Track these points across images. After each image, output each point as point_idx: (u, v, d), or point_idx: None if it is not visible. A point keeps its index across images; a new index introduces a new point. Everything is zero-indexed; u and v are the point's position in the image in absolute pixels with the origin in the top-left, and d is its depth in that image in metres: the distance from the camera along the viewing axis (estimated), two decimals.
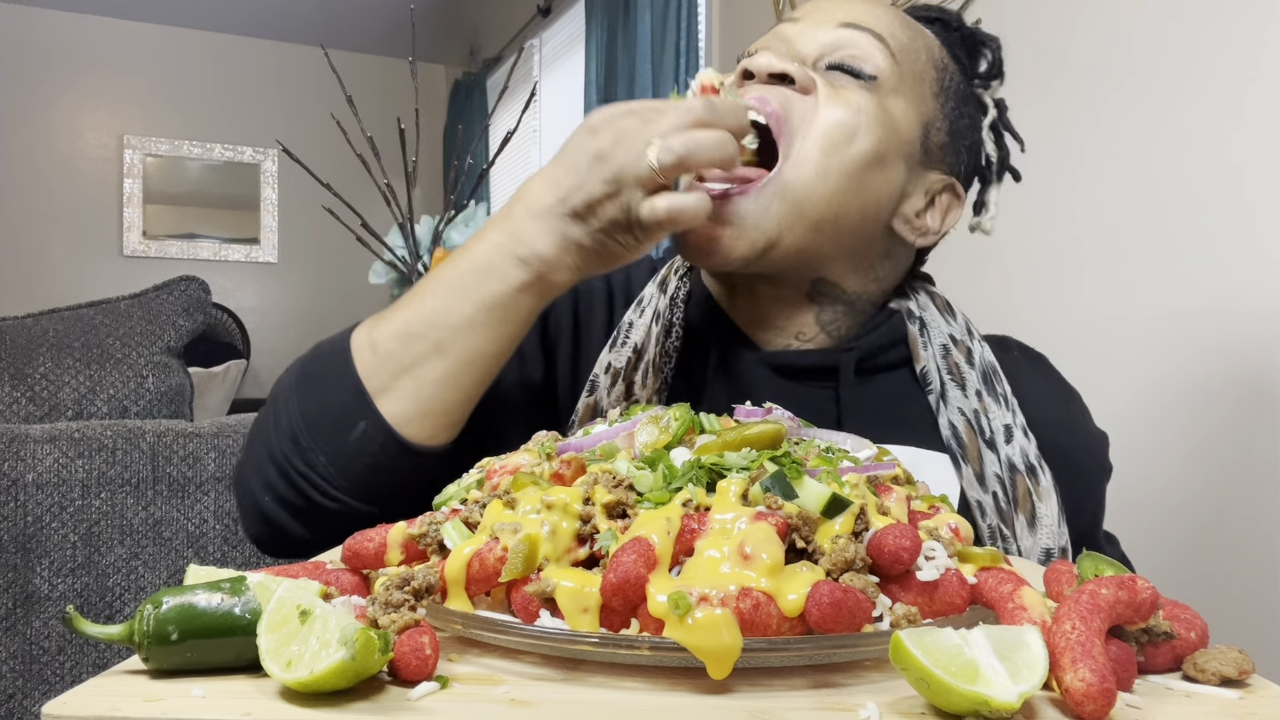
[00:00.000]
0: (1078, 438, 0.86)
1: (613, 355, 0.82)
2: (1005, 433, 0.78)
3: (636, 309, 0.84)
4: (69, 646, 1.29)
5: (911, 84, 0.78)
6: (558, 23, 3.88)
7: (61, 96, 4.93)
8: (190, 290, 1.56)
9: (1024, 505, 0.75)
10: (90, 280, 4.87)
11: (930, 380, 0.80)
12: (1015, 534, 0.75)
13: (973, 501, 0.76)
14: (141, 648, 0.40)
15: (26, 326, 1.44)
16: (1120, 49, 1.40)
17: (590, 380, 0.82)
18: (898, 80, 0.77)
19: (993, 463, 0.77)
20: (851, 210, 0.75)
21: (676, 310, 0.82)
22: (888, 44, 0.77)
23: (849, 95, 0.74)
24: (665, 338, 0.81)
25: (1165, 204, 1.34)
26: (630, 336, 0.82)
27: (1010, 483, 0.76)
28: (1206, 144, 1.28)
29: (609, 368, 0.81)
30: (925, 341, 0.81)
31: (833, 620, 0.40)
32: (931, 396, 0.79)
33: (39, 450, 1.28)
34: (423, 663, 0.39)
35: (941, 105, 0.81)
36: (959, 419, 0.78)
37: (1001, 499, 0.76)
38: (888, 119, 0.75)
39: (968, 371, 0.80)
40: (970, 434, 0.77)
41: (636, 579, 0.41)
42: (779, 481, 0.45)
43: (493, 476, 0.54)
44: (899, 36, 0.79)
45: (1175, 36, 1.32)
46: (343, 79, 2.58)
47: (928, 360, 0.80)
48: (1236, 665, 0.41)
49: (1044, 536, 0.75)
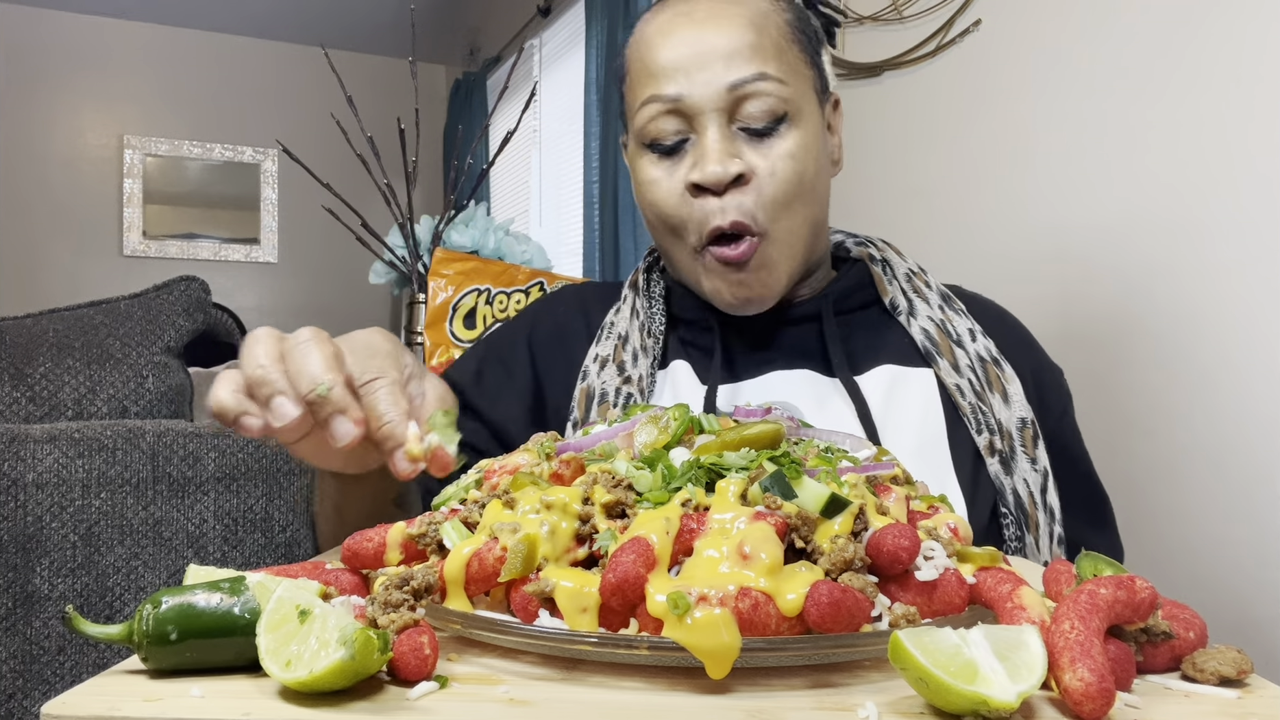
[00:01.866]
0: (1035, 352, 0.96)
1: (599, 348, 0.92)
2: (969, 334, 0.89)
3: (614, 311, 0.95)
4: (69, 646, 1.29)
5: (797, 80, 0.84)
6: (558, 23, 3.88)
7: (61, 96, 4.93)
8: (190, 290, 1.56)
9: (996, 386, 0.86)
10: (90, 280, 4.87)
11: (899, 304, 0.91)
12: (993, 408, 0.85)
13: (951, 386, 0.86)
14: (141, 648, 0.40)
15: (26, 326, 1.44)
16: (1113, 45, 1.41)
17: (582, 371, 0.91)
18: (791, 92, 0.82)
19: (963, 356, 0.88)
20: (821, 209, 0.88)
21: (657, 303, 0.94)
22: (772, 75, 0.81)
23: (778, 153, 0.82)
24: (649, 324, 0.92)
25: None
26: (613, 330, 0.93)
27: (982, 370, 0.87)
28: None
29: (597, 357, 0.91)
30: (890, 277, 0.93)
31: (832, 620, 0.40)
32: (901, 317, 0.90)
33: (39, 450, 1.28)
34: (422, 662, 0.39)
35: (807, 59, 0.86)
36: (929, 324, 0.89)
37: (976, 383, 0.86)
38: (807, 135, 0.83)
39: (928, 293, 0.92)
40: (940, 335, 0.89)
41: (635, 579, 0.41)
42: (778, 481, 0.45)
43: (491, 477, 0.54)
44: (765, 45, 0.82)
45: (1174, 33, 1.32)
46: (343, 79, 2.58)
47: (894, 291, 0.92)
48: (1235, 665, 0.41)
49: (1017, 409, 0.86)
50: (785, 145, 0.82)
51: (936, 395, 0.87)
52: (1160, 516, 1.28)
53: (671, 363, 0.91)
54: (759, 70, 0.80)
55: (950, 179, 1.68)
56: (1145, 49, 1.36)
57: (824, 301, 0.90)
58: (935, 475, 0.83)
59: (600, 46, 3.14)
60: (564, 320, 0.98)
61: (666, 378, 0.90)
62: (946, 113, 1.69)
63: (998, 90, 1.59)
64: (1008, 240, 1.58)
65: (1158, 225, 1.35)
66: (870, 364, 0.88)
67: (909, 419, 0.85)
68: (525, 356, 0.95)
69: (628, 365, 0.89)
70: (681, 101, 0.81)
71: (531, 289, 2.39)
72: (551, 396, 0.93)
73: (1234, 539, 1.22)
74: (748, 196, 0.81)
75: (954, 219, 1.68)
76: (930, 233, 1.70)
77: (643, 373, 0.88)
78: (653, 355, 0.90)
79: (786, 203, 0.82)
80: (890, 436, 0.83)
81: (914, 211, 1.74)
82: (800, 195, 0.83)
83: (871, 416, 0.83)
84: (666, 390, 0.89)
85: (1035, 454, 0.84)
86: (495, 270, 2.36)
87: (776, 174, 0.81)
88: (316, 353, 0.56)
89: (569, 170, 3.77)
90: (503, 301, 2.35)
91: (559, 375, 0.94)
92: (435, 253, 2.33)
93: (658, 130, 0.83)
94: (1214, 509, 1.24)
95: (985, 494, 0.83)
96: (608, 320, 0.95)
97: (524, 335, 0.97)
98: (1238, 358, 1.23)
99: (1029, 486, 0.83)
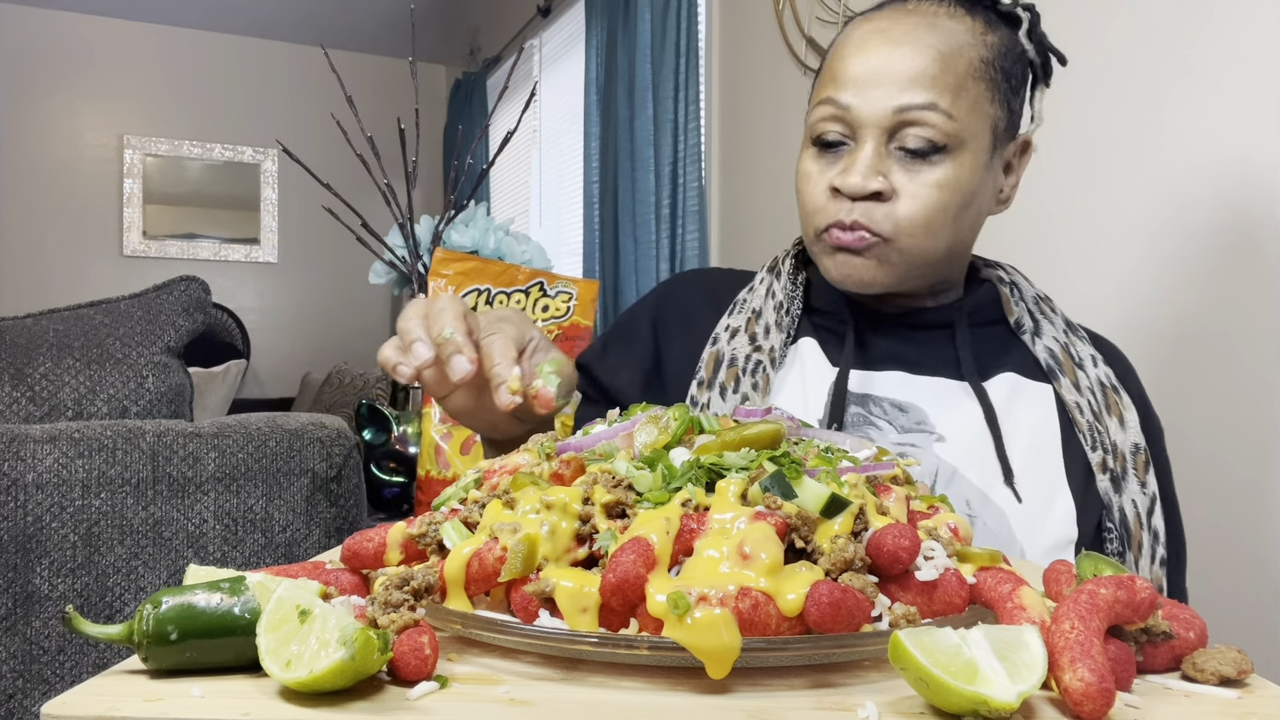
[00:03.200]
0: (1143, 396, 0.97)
1: (731, 319, 0.96)
2: (1091, 359, 0.92)
3: (748, 291, 0.99)
4: (69, 646, 1.29)
5: (971, 118, 0.84)
6: (558, 23, 3.88)
7: (61, 96, 4.93)
8: (190, 290, 1.56)
9: (1114, 410, 0.90)
10: (90, 280, 4.87)
11: (1024, 324, 0.94)
12: (1108, 430, 0.88)
13: (1070, 403, 0.89)
14: (141, 648, 0.40)
15: (26, 326, 1.44)
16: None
17: (712, 336, 0.95)
18: (960, 127, 0.83)
19: (1084, 378, 0.91)
20: (962, 238, 0.89)
21: (798, 289, 0.97)
22: (942, 107, 0.82)
23: (926, 180, 0.83)
24: (789, 303, 0.95)
25: None
26: (747, 306, 0.97)
27: (1101, 393, 0.90)
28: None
29: (728, 327, 0.95)
30: (1018, 299, 0.96)
31: (832, 620, 0.40)
32: (1026, 335, 0.93)
33: (39, 450, 1.28)
34: (422, 662, 0.39)
35: (997, 96, 0.86)
36: (1054, 345, 0.92)
37: (1095, 404, 0.89)
38: (963, 170, 0.84)
39: (1054, 317, 0.95)
40: (1064, 355, 0.92)
41: (636, 579, 0.41)
42: (778, 481, 0.45)
43: (491, 476, 0.54)
44: (947, 78, 0.83)
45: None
46: (343, 79, 2.58)
47: (1020, 312, 0.94)
48: (1235, 665, 0.41)
49: (1132, 434, 0.89)
50: (935, 174, 0.83)
51: (1054, 409, 0.89)
52: None
53: (801, 340, 0.94)
54: (930, 100, 0.82)
55: None
56: (1146, 49, 1.36)
57: (958, 311, 0.93)
58: (1047, 482, 0.86)
59: (600, 46, 3.14)
60: (691, 298, 1.02)
61: (795, 353, 0.93)
62: None
63: None
64: (1008, 240, 1.58)
65: (1158, 225, 1.35)
66: (994, 371, 0.91)
67: (1026, 425, 0.88)
68: (648, 330, 1.00)
69: (759, 336, 0.93)
70: (850, 112, 0.84)
71: (531, 289, 2.39)
72: (670, 364, 0.98)
73: (1234, 539, 1.22)
74: (879, 209, 0.84)
75: None
76: None
77: (775, 344, 0.92)
78: (786, 330, 0.93)
79: (920, 226, 0.84)
80: (1008, 438, 0.86)
81: None
82: (939, 224, 0.84)
83: (996, 418, 0.86)
84: (795, 366, 0.93)
85: (1145, 479, 0.87)
86: (495, 270, 2.36)
87: (917, 198, 0.83)
88: (449, 310, 0.70)
89: (569, 170, 3.77)
90: (503, 301, 2.35)
91: (681, 346, 0.98)
92: (435, 253, 2.33)
93: (823, 129, 0.86)
94: (1214, 509, 1.24)
95: (1093, 507, 0.86)
96: (740, 297, 0.98)
97: (648, 310, 1.02)
98: (1236, 357, 1.23)
99: (1136, 508, 0.86)
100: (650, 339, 1.00)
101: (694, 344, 0.97)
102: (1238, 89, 1.24)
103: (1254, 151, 1.22)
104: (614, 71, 3.02)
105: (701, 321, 0.99)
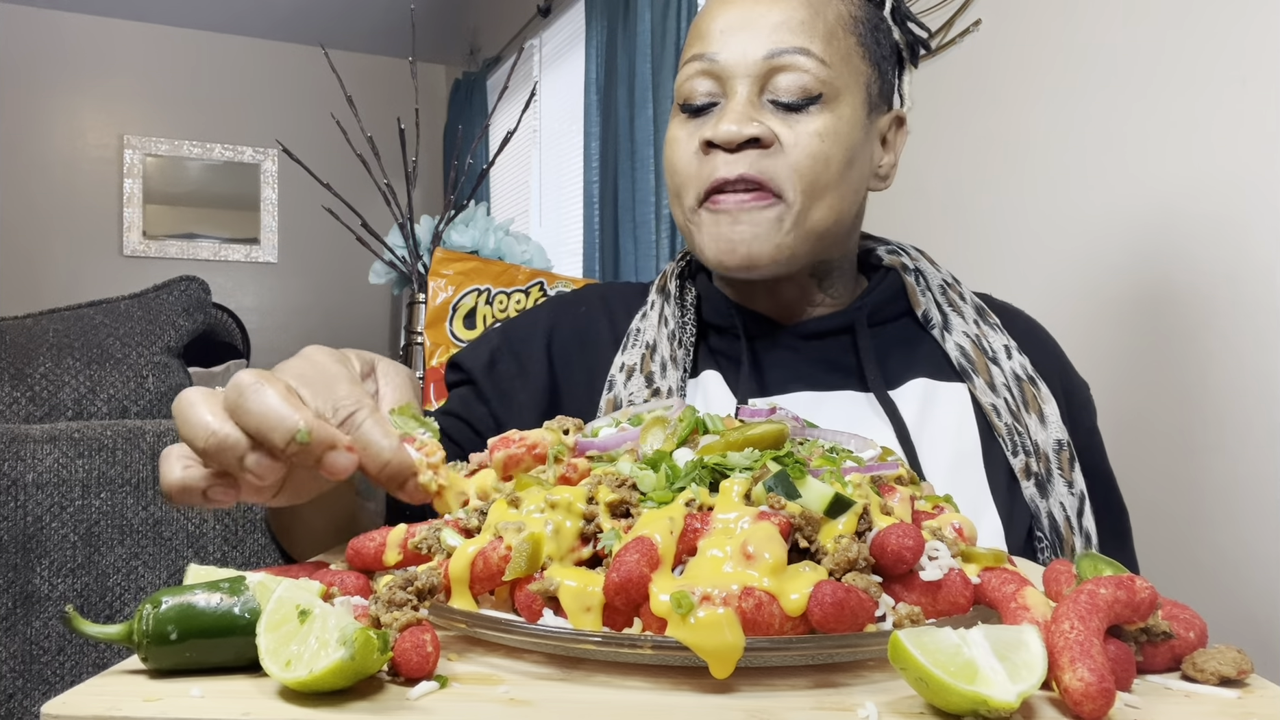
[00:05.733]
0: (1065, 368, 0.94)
1: (625, 356, 0.90)
2: (1005, 351, 0.88)
3: (641, 318, 0.92)
4: (69, 646, 1.29)
5: (844, 69, 0.82)
6: (558, 23, 3.88)
7: (61, 96, 4.93)
8: (190, 290, 1.56)
9: (1033, 406, 0.85)
10: (90, 280, 4.87)
11: (932, 318, 0.89)
12: (1029, 429, 0.84)
13: (987, 405, 0.85)
14: (141, 647, 0.40)
15: (26, 326, 1.44)
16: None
17: (608, 380, 0.89)
18: (834, 75, 0.80)
19: (999, 374, 0.86)
20: (848, 207, 0.84)
21: (688, 312, 0.90)
22: (814, 52, 0.80)
23: (805, 130, 0.79)
24: (680, 333, 0.89)
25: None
26: (640, 338, 0.90)
27: (1018, 389, 0.86)
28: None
29: (623, 366, 0.89)
30: (924, 288, 0.91)
31: (835, 620, 0.39)
32: (935, 330, 0.89)
33: (39, 450, 1.28)
34: (424, 659, 0.39)
35: (869, 56, 0.84)
36: (965, 341, 0.88)
37: (1012, 403, 0.85)
38: (841, 123, 0.81)
39: (963, 306, 0.90)
40: (976, 352, 0.87)
41: (639, 578, 0.41)
42: (782, 481, 0.45)
43: (510, 445, 0.54)
44: (817, 25, 0.80)
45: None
46: (343, 79, 2.58)
47: (928, 304, 0.90)
48: (1235, 665, 0.41)
49: (1054, 430, 0.84)
50: (814, 124, 0.79)
51: (970, 412, 0.85)
52: (1160, 517, 1.28)
53: (702, 372, 0.88)
54: (800, 45, 0.79)
55: (950, 179, 1.68)
56: (1146, 48, 1.36)
57: (858, 314, 0.87)
58: (971, 496, 0.81)
59: (600, 46, 3.14)
60: (586, 323, 0.94)
61: (698, 387, 0.88)
62: (946, 112, 1.69)
63: (998, 90, 1.59)
64: (1008, 240, 1.58)
65: (1158, 225, 1.35)
66: (903, 377, 0.86)
67: (943, 436, 0.83)
68: (543, 356, 0.91)
69: (656, 376, 0.86)
70: (717, 63, 0.80)
71: (531, 289, 2.39)
72: (569, 401, 0.90)
73: (1234, 539, 1.22)
74: (768, 160, 0.78)
75: (953, 219, 1.68)
76: (930, 232, 1.70)
77: (673, 385, 0.85)
78: (683, 366, 0.87)
79: (812, 181, 0.79)
80: (924, 454, 0.82)
81: (913, 211, 1.74)
82: (827, 181, 0.79)
83: (909, 434, 0.82)
84: (698, 401, 0.87)
85: (1071, 477, 0.83)
86: (495, 270, 2.36)
87: (799, 146, 0.78)
88: (272, 394, 0.47)
89: (569, 170, 3.77)
90: (503, 301, 2.35)
91: (579, 380, 0.91)
92: (435, 253, 2.33)
93: (690, 90, 0.82)
94: (1214, 509, 1.24)
95: (1021, 516, 0.82)
96: (634, 327, 0.91)
97: (543, 332, 0.93)
98: (1236, 357, 1.23)
99: (1065, 510, 0.82)
100: (545, 368, 0.91)
101: (591, 376, 0.90)
102: (1221, 88, 1.24)
103: (1245, 151, 1.22)
104: (614, 71, 3.02)
105: (598, 350, 0.92)
